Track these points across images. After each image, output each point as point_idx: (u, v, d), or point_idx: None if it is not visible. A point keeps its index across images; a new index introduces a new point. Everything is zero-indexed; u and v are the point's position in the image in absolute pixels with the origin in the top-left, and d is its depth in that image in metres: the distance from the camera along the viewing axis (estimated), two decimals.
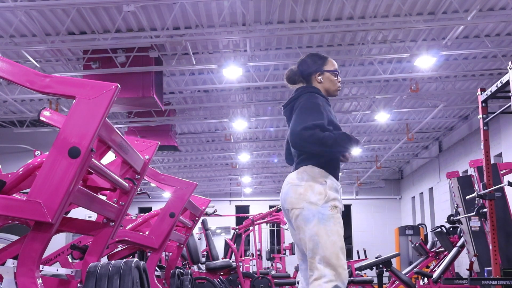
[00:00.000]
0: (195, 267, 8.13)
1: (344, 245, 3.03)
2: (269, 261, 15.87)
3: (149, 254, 4.18)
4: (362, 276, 10.88)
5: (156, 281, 4.00)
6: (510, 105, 4.62)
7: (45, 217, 1.98)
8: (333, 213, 2.97)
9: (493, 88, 5.05)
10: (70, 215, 2.73)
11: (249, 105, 13.34)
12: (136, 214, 7.20)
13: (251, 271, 11.06)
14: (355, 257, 16.82)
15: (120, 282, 2.32)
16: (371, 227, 23.59)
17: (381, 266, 6.50)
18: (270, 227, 21.99)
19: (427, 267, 10.56)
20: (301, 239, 3.03)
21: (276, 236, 22.11)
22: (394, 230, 20.59)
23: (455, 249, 8.07)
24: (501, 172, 6.62)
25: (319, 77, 3.24)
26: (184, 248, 6.00)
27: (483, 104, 5.27)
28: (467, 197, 6.09)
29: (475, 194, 5.51)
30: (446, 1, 8.93)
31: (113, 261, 2.41)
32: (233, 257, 9.07)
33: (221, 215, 10.46)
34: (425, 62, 10.39)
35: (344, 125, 15.46)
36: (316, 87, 3.22)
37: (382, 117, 14.11)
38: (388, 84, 12.56)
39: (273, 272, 12.04)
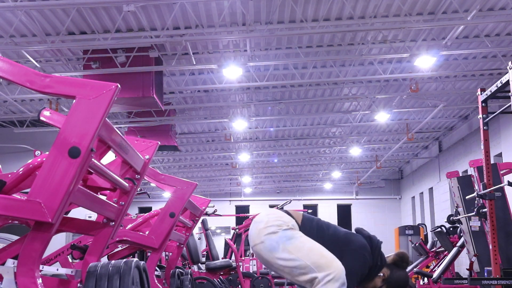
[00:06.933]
0: (195, 267, 8.13)
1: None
2: None
3: (149, 254, 4.17)
4: None
5: (156, 281, 4.00)
6: (510, 105, 4.62)
7: (45, 217, 1.98)
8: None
9: (493, 88, 5.04)
10: (70, 215, 2.73)
11: (249, 105, 13.34)
12: (136, 214, 7.20)
13: (251, 271, 11.04)
14: None
15: (120, 282, 2.32)
16: (371, 227, 23.55)
17: None
18: None
19: (427, 267, 10.56)
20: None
21: None
22: (394, 230, 20.60)
23: (455, 249, 8.07)
24: (501, 172, 6.62)
25: (382, 274, 3.20)
26: (184, 248, 6.00)
27: (483, 104, 5.26)
28: (467, 197, 6.09)
29: (475, 194, 5.50)
30: (446, 1, 8.93)
31: (113, 261, 2.41)
32: (233, 257, 9.06)
33: (221, 215, 10.45)
34: (425, 62, 10.40)
35: (344, 125, 15.48)
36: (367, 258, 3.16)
37: (382, 117, 14.12)
38: (388, 84, 12.56)
39: (273, 272, 11.98)
